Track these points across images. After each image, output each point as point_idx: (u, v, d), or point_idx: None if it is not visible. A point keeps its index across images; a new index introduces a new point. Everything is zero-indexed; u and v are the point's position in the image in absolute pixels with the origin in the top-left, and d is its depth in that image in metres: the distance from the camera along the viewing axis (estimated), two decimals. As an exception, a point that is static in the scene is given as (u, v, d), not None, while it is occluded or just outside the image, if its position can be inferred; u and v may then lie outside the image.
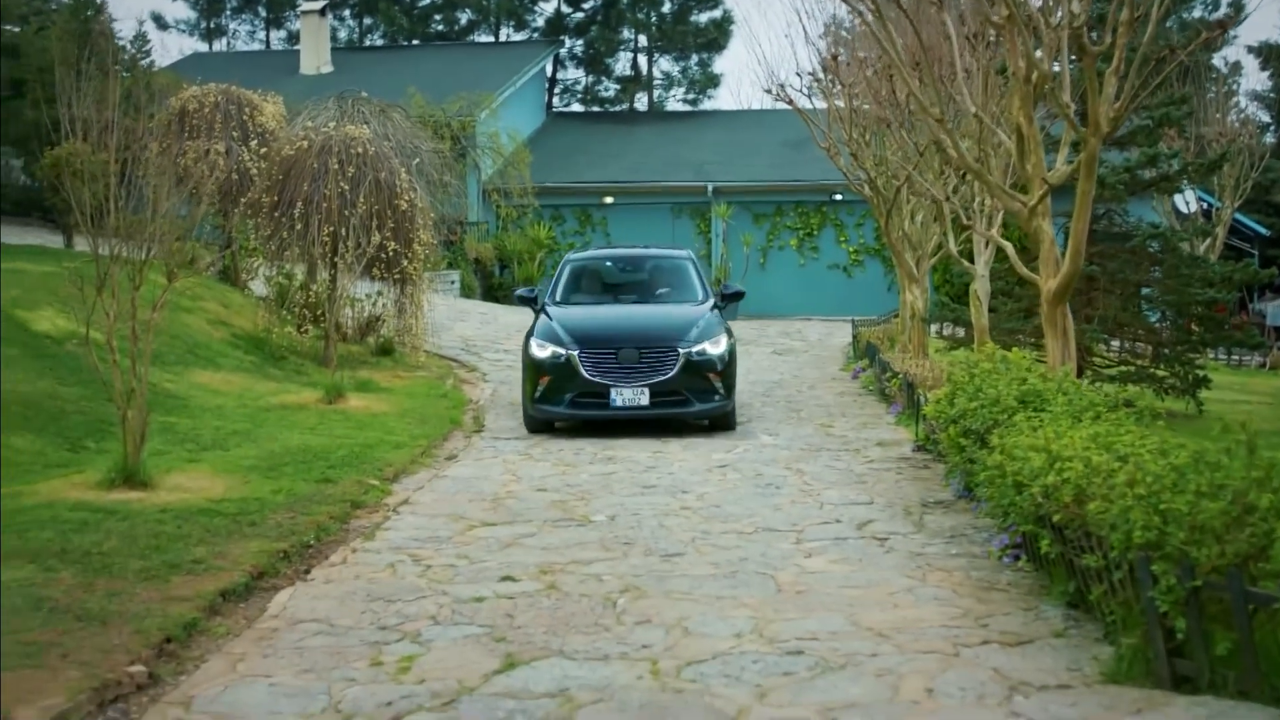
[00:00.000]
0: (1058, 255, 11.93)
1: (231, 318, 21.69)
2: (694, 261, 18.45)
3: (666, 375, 15.34)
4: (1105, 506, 6.33)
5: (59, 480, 11.17)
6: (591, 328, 16.01)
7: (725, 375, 15.66)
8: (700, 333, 15.77)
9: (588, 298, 17.72)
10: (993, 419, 9.50)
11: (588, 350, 15.45)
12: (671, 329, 15.84)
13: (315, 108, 23.30)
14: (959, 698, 6.08)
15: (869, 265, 38.38)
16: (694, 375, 15.42)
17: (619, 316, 16.84)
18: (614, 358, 15.38)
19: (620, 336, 15.69)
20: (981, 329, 17.19)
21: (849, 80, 21.46)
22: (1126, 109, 11.14)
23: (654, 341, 15.53)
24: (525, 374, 15.98)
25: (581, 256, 19.17)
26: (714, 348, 15.62)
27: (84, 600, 7.58)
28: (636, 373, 15.35)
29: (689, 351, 15.45)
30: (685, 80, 58.10)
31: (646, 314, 16.84)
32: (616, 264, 19.10)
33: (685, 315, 16.37)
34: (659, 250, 19.79)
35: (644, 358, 15.37)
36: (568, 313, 16.63)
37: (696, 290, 17.55)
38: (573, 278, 17.98)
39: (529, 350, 15.84)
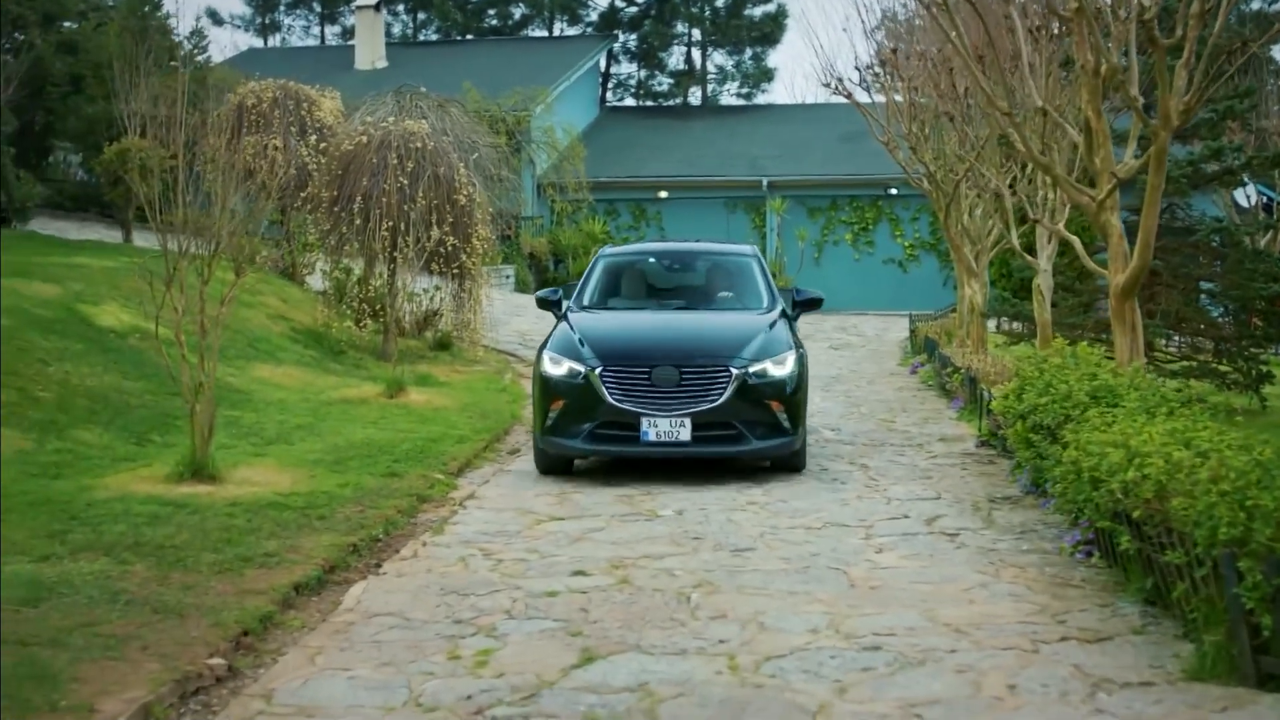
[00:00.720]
0: (1126, 250, 11.83)
1: (290, 312, 21.78)
2: (760, 261, 14.86)
3: (714, 402, 11.96)
4: (1189, 503, 6.27)
5: (127, 474, 11.24)
6: (620, 339, 12.75)
7: (792, 403, 12.29)
8: (761, 348, 12.41)
9: (624, 302, 14.39)
10: (1064, 414, 9.43)
11: (613, 368, 12.11)
12: (723, 342, 12.50)
13: (373, 103, 23.33)
14: (1041, 694, 6.04)
15: (924, 260, 38.26)
16: (751, 403, 12.08)
17: (657, 326, 13.37)
18: (647, 378, 12.00)
19: (656, 351, 12.31)
20: (1044, 324, 17.08)
21: (908, 74, 21.34)
22: (1197, 102, 11.03)
23: (698, 358, 12.18)
24: (535, 396, 12.79)
25: (619, 251, 15.68)
26: (778, 368, 12.28)
27: (160, 593, 7.63)
28: (675, 398, 11.99)
29: (745, 372, 12.08)
30: (739, 74, 58.02)
31: (693, 323, 13.36)
32: (662, 261, 15.70)
33: (743, 326, 13.04)
34: (716, 246, 16.15)
35: (685, 379, 12.01)
36: (594, 320, 13.44)
37: (761, 295, 14.09)
38: (606, 277, 14.66)
39: (539, 366, 12.60)
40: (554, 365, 12.38)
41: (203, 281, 11.27)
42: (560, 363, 12.35)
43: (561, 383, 12.27)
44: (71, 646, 6.54)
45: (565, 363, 12.31)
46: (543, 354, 12.63)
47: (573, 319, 13.33)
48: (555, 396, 12.25)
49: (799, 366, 12.53)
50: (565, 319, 13.41)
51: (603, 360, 12.18)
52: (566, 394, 12.21)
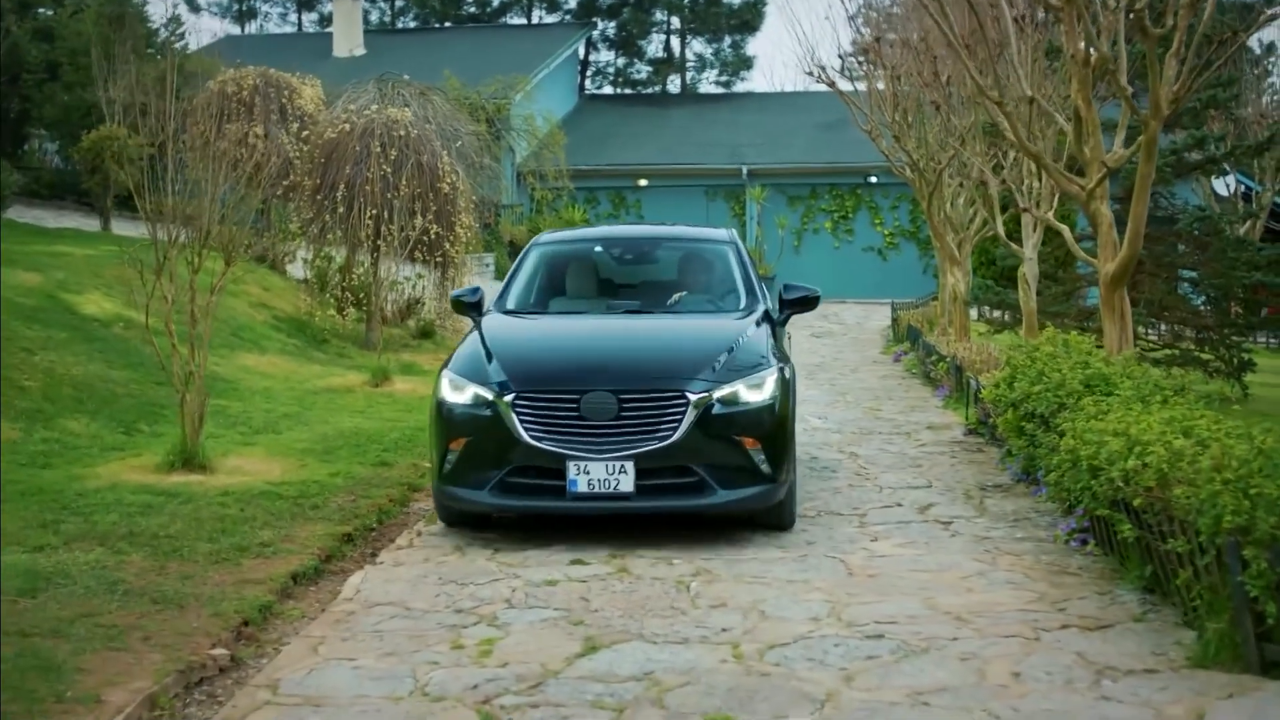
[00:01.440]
0: (1115, 239, 11.87)
1: (272, 301, 21.72)
2: (738, 249, 11.63)
3: (665, 440, 8.84)
4: (1192, 491, 6.29)
5: (117, 463, 11.20)
6: (541, 355, 9.76)
7: (773, 440, 9.13)
8: (731, 364, 9.27)
9: (564, 304, 11.26)
10: (1058, 402, 9.46)
11: (530, 394, 9.00)
12: (679, 358, 9.37)
13: (355, 90, 23.27)
14: (1047, 682, 6.06)
15: (904, 248, 38.35)
16: (717, 440, 8.97)
17: (594, 337, 10.13)
18: (574, 408, 8.91)
19: (587, 371, 9.21)
20: (1030, 312, 17.13)
21: (891, 62, 21.38)
22: (1186, 91, 11.07)
23: (645, 380, 9.07)
24: (430, 432, 9.73)
25: (558, 239, 12.40)
26: (753, 391, 9.11)
27: (158, 583, 7.61)
28: (613, 435, 8.88)
29: (708, 398, 8.94)
30: (718, 62, 58.02)
31: (643, 333, 10.18)
32: (612, 251, 12.29)
33: (709, 335, 9.92)
34: (684, 231, 12.93)
35: (627, 409, 8.89)
36: (513, 329, 10.40)
37: (738, 292, 10.98)
38: (540, 272, 11.56)
39: (436, 392, 9.55)
40: (454, 391, 9.28)
41: (193, 271, 11.23)
42: (462, 387, 9.23)
43: (463, 414, 9.18)
44: (73, 637, 6.52)
45: (468, 387, 9.19)
46: (441, 375, 9.54)
47: (486, 327, 10.20)
48: (455, 433, 9.19)
49: (782, 389, 9.30)
50: (479, 326, 10.36)
51: (516, 384, 9.06)
52: (469, 429, 9.14)
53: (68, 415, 12.69)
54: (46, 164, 34.00)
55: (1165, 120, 11.16)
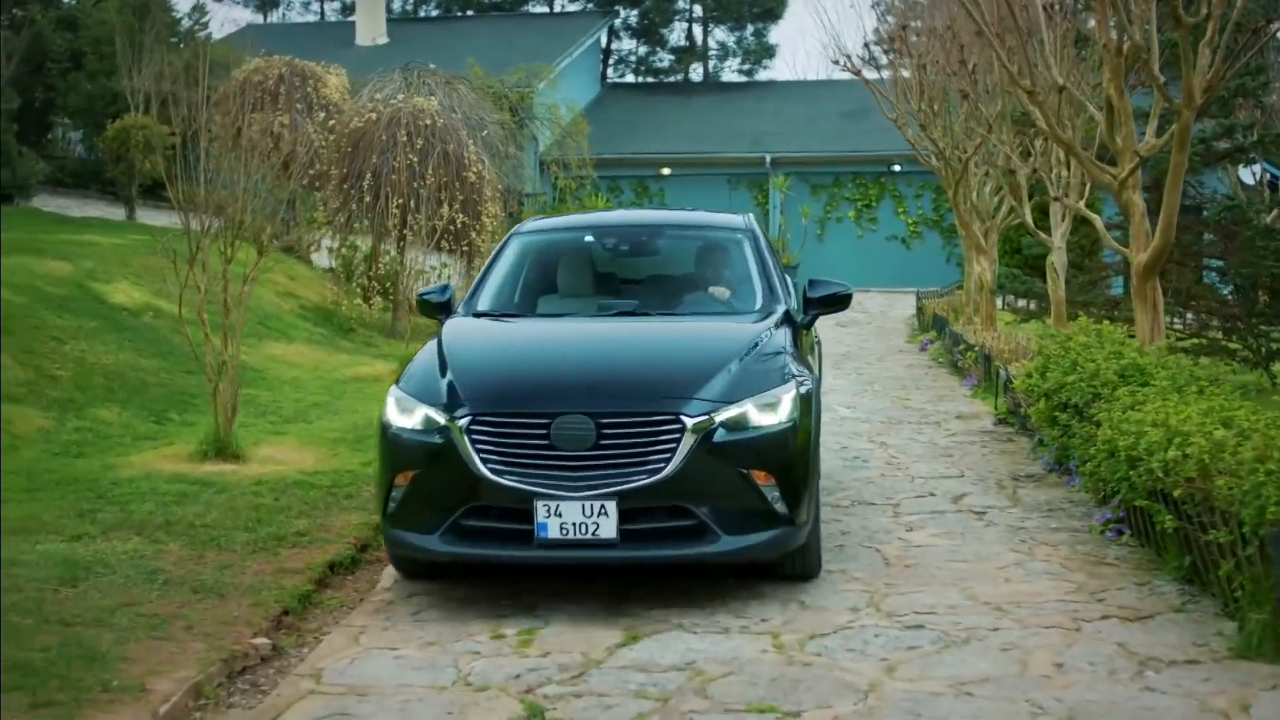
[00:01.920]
0: (1148, 228, 11.83)
1: (299, 290, 21.76)
2: (755, 237, 9.74)
3: (655, 474, 7.19)
4: (1234, 482, 6.28)
5: (150, 452, 11.25)
6: (503, 370, 8.03)
7: (789, 472, 7.44)
8: (739, 379, 7.59)
9: (548, 304, 9.48)
10: (1093, 392, 9.43)
11: (489, 418, 7.38)
12: (673, 372, 7.72)
13: (380, 79, 23.29)
14: (1090, 673, 6.06)
15: (927, 236, 38.25)
16: (720, 474, 7.30)
17: (572, 347, 8.39)
18: (543, 436, 7.28)
19: (558, 388, 7.60)
20: (1059, 301, 17.09)
21: (918, 50, 21.33)
22: (1220, 80, 11.02)
23: (629, 400, 7.43)
24: (376, 462, 8.09)
25: (542, 228, 10.53)
26: (766, 413, 7.44)
27: (197, 572, 7.65)
28: (591, 468, 7.24)
29: (708, 422, 7.28)
30: (740, 50, 57.86)
31: (631, 341, 8.40)
32: (604, 242, 10.42)
33: (713, 342, 8.22)
34: (691, 217, 11.17)
35: (608, 436, 7.25)
36: (475, 337, 8.65)
37: (754, 289, 9.19)
38: (520, 266, 9.73)
39: (382, 414, 7.85)
40: (400, 413, 7.65)
41: (225, 260, 11.26)
42: (410, 409, 7.60)
43: (410, 441, 7.54)
44: (116, 626, 6.57)
45: (418, 409, 7.56)
46: (389, 393, 7.91)
47: (447, 334, 8.46)
48: (400, 464, 7.58)
49: (802, 409, 7.57)
50: (439, 332, 8.60)
51: (473, 405, 7.41)
52: (417, 460, 7.51)
53: (99, 404, 12.75)
54: (70, 153, 34.11)
55: (1199, 109, 11.12)
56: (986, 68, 18.58)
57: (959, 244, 29.89)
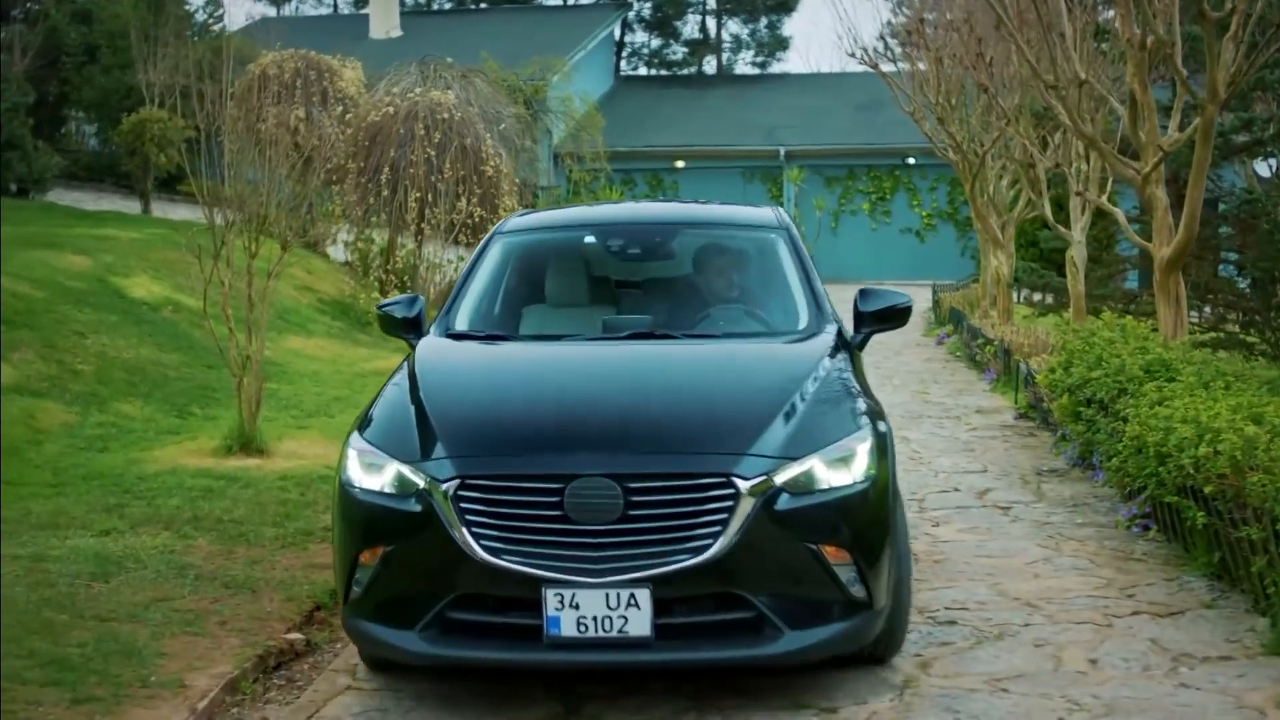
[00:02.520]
0: (1171, 223, 11.82)
1: (316, 283, 21.78)
2: (792, 238, 7.87)
3: (701, 553, 5.46)
4: (1269, 479, 6.28)
5: (174, 447, 11.27)
6: (501, 412, 6.12)
7: (869, 544, 5.76)
8: (804, 426, 5.87)
9: (537, 324, 7.47)
10: (1118, 388, 9.43)
11: (483, 480, 5.62)
12: (720, 416, 5.95)
13: (397, 73, 23.30)
14: (1124, 669, 6.07)
15: (942, 229, 38.28)
16: (781, 550, 5.60)
17: (585, 379, 6.52)
18: (554, 504, 5.51)
19: (573, 439, 5.79)
20: (1078, 295, 17.08)
21: (935, 44, 21.30)
22: (1244, 75, 11.00)
23: (666, 455, 5.69)
24: (334, 533, 6.23)
25: (533, 225, 8.44)
26: (838, 469, 5.74)
27: (227, 567, 7.67)
28: (617, 546, 5.48)
29: (767, 484, 5.56)
30: (754, 43, 57.84)
31: (659, 372, 6.53)
32: (612, 242, 8.26)
33: (762, 373, 6.47)
34: (712, 212, 8.90)
35: (640, 504, 5.49)
36: (462, 366, 6.85)
37: (795, 303, 7.34)
38: (505, 275, 7.80)
39: (340, 469, 6.11)
40: (365, 470, 5.85)
41: (250, 255, 11.27)
42: (378, 466, 5.81)
43: (380, 510, 5.75)
44: (150, 622, 6.60)
45: (388, 466, 5.77)
46: (347, 444, 6.06)
47: (422, 364, 6.61)
48: (367, 539, 5.78)
49: (880, 462, 5.87)
50: (410, 360, 6.75)
51: (461, 464, 5.65)
52: (389, 534, 5.73)
53: (121, 398, 12.78)
54: (85, 146, 34.18)
55: (1223, 104, 11.11)
56: (1004, 60, 18.54)
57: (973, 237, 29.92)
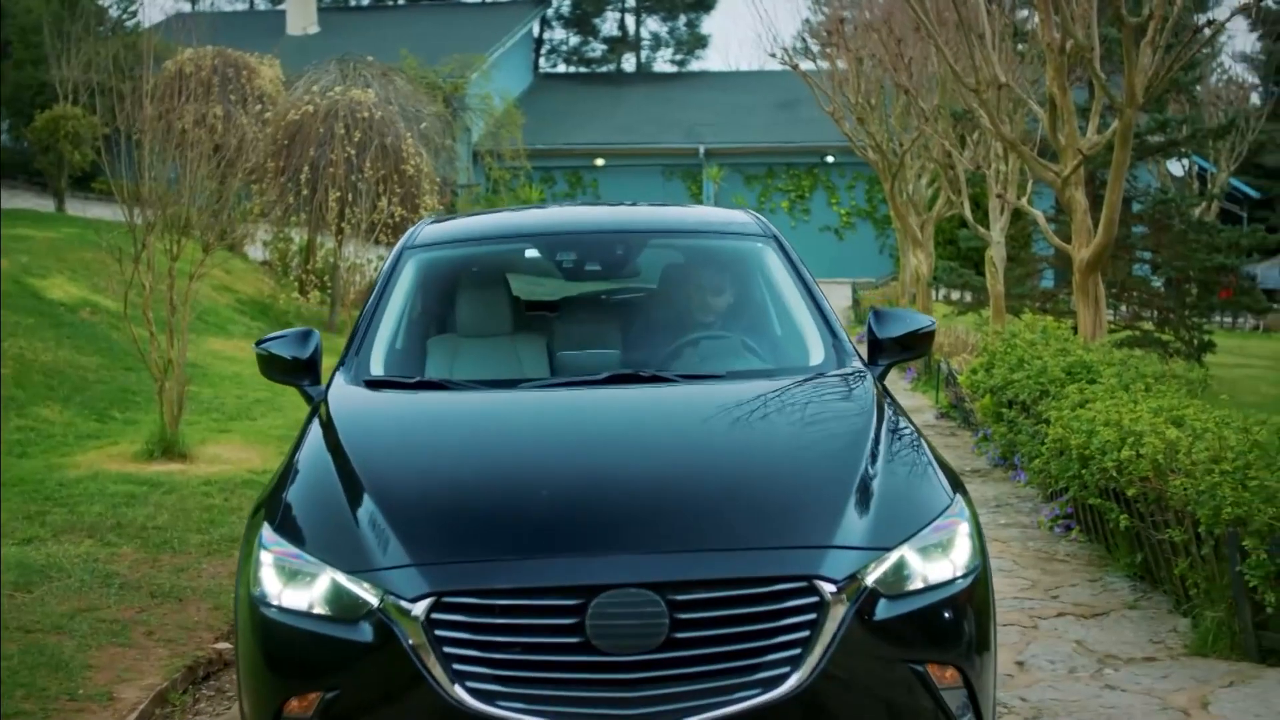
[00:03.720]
0: (1090, 225, 11.97)
1: (235, 284, 21.60)
2: (783, 247, 6.08)
3: (774, 688, 3.78)
4: (1190, 482, 6.38)
5: (95, 451, 11.14)
6: (487, 497, 4.24)
7: (978, 657, 4.15)
8: (884, 499, 4.21)
9: (471, 363, 5.59)
10: (1040, 389, 9.54)
11: (465, 599, 3.84)
12: (784, 495, 4.23)
13: (316, 71, 23.15)
14: (1050, 670, 6.15)
15: (860, 228, 38.55)
16: (878, 677, 3.96)
17: (585, 443, 4.64)
18: (571, 628, 3.79)
19: (594, 534, 4.00)
20: (998, 295, 17.26)
21: (855, 43, 21.45)
22: (1161, 79, 11.18)
23: (720, 553, 3.95)
24: (241, 664, 4.32)
25: (453, 238, 6.43)
26: (934, 558, 4.10)
27: (153, 576, 7.58)
28: (658, 682, 3.77)
29: (858, 584, 3.91)
30: (673, 41, 57.98)
31: (676, 432, 4.71)
32: (562, 257, 6.39)
33: (816, 430, 4.77)
34: (681, 217, 7.20)
35: (688, 624, 3.80)
36: (403, 424, 4.97)
37: (803, 330, 5.58)
38: (423, 301, 5.99)
39: (248, 579, 4.24)
40: (287, 582, 4.11)
41: (172, 258, 11.16)
42: (306, 575, 4.08)
43: (312, 640, 4.01)
44: (76, 633, 6.50)
45: (320, 575, 4.04)
46: (258, 539, 4.30)
47: (344, 423, 4.85)
48: (299, 678, 4.04)
49: (982, 546, 4.39)
50: (323, 418, 4.97)
51: (434, 574, 3.93)
52: (328, 672, 3.98)
53: (40, 403, 12.61)
54: (-1, 144, 33.72)
55: (1142, 107, 11.27)
56: (924, 60, 18.72)
57: (892, 235, 30.16)
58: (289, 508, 4.36)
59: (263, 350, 5.59)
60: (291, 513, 4.34)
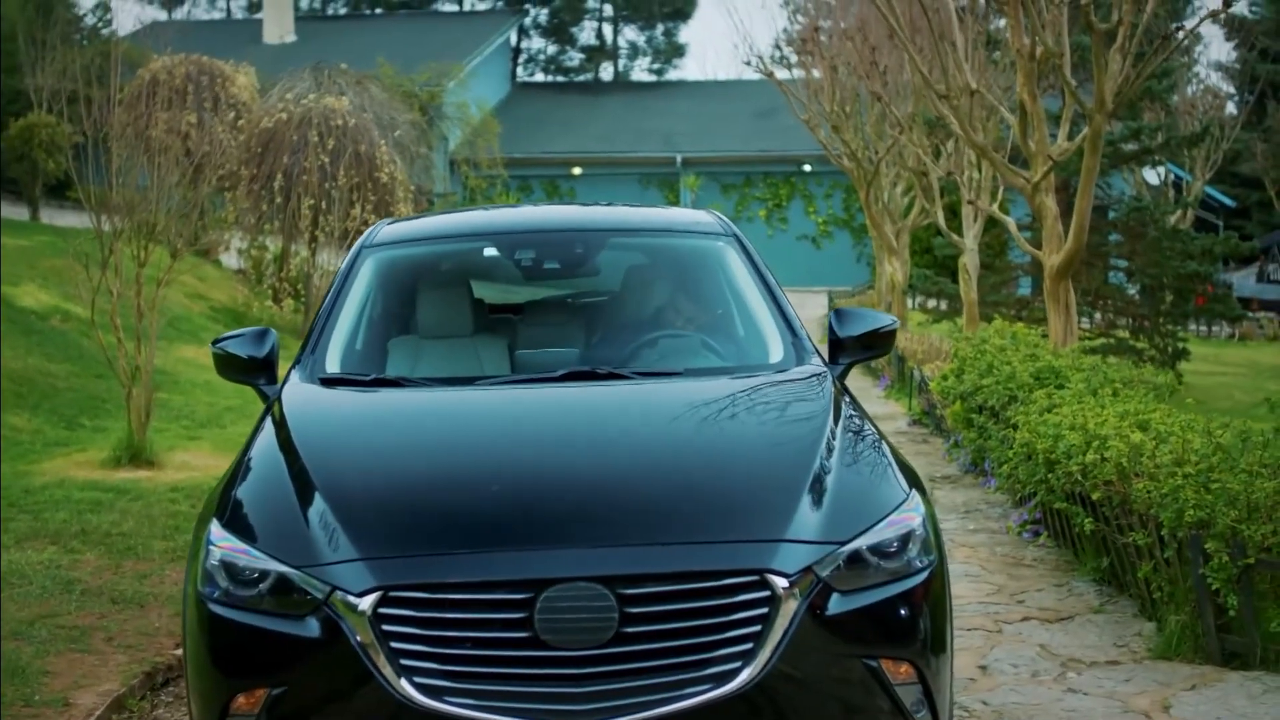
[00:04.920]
0: (1060, 231, 11.98)
1: (208, 291, 21.57)
2: (744, 245, 5.99)
3: (724, 683, 3.79)
4: (1153, 486, 6.37)
5: (62, 459, 11.10)
6: (435, 492, 4.25)
7: (934, 652, 4.14)
8: (838, 493, 4.19)
9: (432, 361, 5.53)
10: (1009, 395, 9.53)
11: (413, 593, 3.83)
12: (735, 489, 4.22)
13: (290, 79, 23.11)
14: (1013, 674, 6.13)
15: (837, 236, 38.58)
16: (831, 673, 3.96)
17: (537, 438, 4.53)
18: (519, 622, 3.78)
19: (540, 527, 3.98)
20: (971, 302, 17.29)
21: (830, 52, 21.48)
22: (1131, 86, 11.19)
23: (671, 547, 3.93)
24: (189, 663, 4.22)
25: (411, 236, 6.36)
26: (889, 554, 4.10)
27: (115, 582, 7.54)
28: (607, 677, 3.78)
29: (809, 580, 3.92)
30: (651, 50, 58.05)
31: (630, 427, 4.69)
32: (520, 256, 6.28)
33: (770, 424, 4.77)
34: (640, 217, 6.82)
35: (637, 618, 3.80)
36: (355, 421, 4.90)
37: (763, 328, 5.56)
38: (381, 300, 5.87)
39: (197, 577, 4.15)
40: (233, 579, 4.05)
41: (139, 264, 11.12)
42: (252, 570, 4.02)
43: (257, 636, 3.97)
44: (35, 639, 6.45)
45: (268, 569, 3.99)
46: (205, 535, 4.23)
47: (296, 419, 4.73)
48: (245, 674, 3.99)
49: (938, 540, 4.36)
50: (275, 416, 4.84)
51: (381, 568, 3.89)
52: (276, 667, 3.95)
53: (8, 410, 12.55)
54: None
55: (1111, 114, 11.29)
56: (898, 69, 18.75)
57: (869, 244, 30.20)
58: (238, 504, 4.32)
59: (219, 349, 5.45)
60: (241, 509, 4.29)
